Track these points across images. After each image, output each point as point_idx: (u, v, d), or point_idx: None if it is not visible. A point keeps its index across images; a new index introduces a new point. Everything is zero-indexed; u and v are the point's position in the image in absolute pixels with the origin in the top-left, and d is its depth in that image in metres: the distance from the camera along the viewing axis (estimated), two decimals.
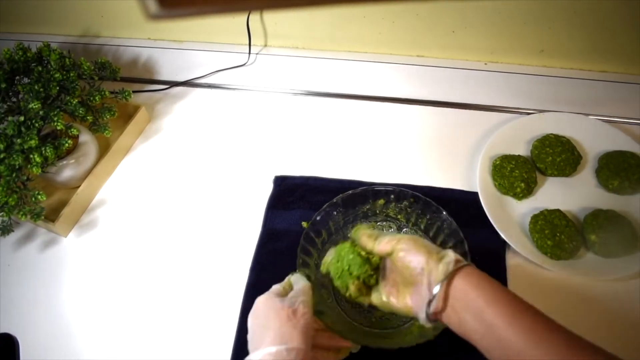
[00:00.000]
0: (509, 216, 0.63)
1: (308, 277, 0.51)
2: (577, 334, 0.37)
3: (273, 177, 0.70)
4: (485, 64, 0.83)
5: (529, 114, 0.74)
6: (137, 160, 0.76)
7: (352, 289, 0.47)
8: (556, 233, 0.58)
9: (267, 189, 0.69)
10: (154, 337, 0.58)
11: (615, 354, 0.35)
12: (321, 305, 0.53)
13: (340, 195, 0.60)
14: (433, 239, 0.58)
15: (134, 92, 0.76)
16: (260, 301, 0.46)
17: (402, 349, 0.48)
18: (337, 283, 0.49)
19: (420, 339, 0.49)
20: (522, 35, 0.78)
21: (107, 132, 0.70)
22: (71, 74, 0.67)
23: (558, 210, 0.61)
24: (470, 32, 0.79)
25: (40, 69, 0.66)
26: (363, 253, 0.48)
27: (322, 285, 0.56)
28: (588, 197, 0.65)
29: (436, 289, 0.41)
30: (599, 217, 0.60)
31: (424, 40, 0.83)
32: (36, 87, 0.63)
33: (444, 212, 0.57)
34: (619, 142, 0.68)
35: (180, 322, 0.59)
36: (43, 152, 0.61)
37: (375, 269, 0.48)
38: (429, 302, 0.41)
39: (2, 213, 0.60)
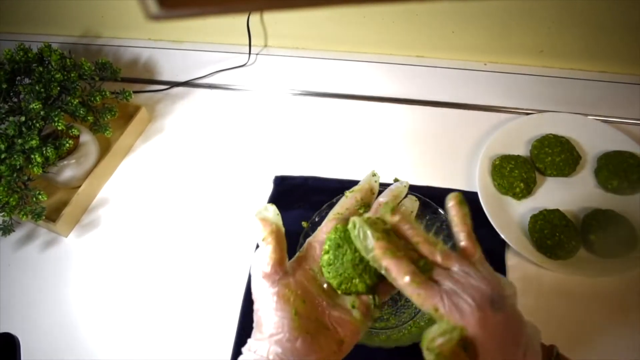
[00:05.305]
0: (508, 216, 0.64)
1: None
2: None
3: (273, 177, 0.70)
4: (485, 64, 0.84)
5: (528, 114, 0.74)
6: (137, 160, 0.76)
7: (361, 286, 0.37)
8: (555, 233, 0.58)
9: (267, 189, 0.69)
10: (154, 336, 0.58)
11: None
12: None
13: (340, 195, 0.60)
14: None
15: (134, 92, 0.76)
16: None
17: (399, 348, 0.48)
18: (333, 274, 0.38)
19: (418, 338, 0.49)
20: (522, 36, 0.78)
21: (107, 132, 0.70)
22: (72, 75, 0.68)
23: (557, 210, 0.61)
24: (470, 33, 0.80)
25: (41, 69, 0.66)
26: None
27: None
28: (587, 197, 0.65)
29: None
30: (598, 217, 0.60)
31: (423, 41, 0.84)
32: (37, 87, 0.63)
33: (443, 212, 0.57)
34: (618, 142, 0.68)
35: (180, 321, 0.59)
36: (44, 152, 0.61)
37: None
38: None
39: (3, 213, 0.60)
